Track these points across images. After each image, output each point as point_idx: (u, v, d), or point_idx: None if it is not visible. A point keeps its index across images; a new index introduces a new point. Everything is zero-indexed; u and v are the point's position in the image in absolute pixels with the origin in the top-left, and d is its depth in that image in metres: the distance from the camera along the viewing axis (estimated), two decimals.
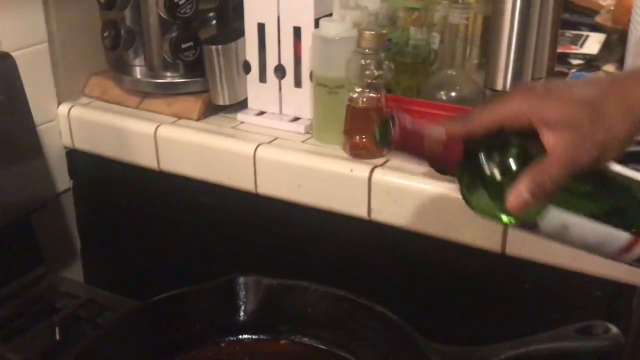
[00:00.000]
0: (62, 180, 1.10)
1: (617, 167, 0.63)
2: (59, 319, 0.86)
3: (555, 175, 0.57)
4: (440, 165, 0.62)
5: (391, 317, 0.75)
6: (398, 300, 0.80)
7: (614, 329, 0.69)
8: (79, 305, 0.89)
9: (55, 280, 0.96)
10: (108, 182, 1.10)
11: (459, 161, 0.60)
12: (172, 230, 1.06)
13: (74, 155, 1.10)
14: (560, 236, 0.62)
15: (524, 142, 0.60)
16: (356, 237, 0.93)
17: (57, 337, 0.86)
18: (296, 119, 1.00)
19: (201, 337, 0.79)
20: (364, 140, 0.89)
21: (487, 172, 0.60)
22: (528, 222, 0.61)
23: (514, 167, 0.59)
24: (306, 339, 0.81)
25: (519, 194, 0.57)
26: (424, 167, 0.86)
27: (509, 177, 0.59)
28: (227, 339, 0.80)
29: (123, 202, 1.10)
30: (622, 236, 0.63)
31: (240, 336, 0.81)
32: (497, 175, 0.60)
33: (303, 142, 0.96)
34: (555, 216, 0.60)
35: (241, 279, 0.81)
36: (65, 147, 1.10)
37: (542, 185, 0.57)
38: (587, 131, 0.57)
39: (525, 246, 0.80)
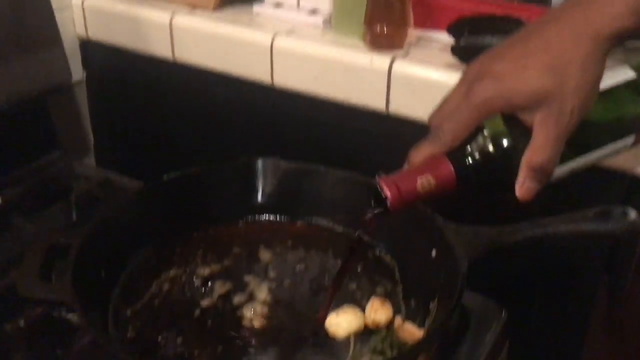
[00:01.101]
0: (76, 71, 1.08)
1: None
2: (75, 199, 0.87)
3: (550, 155, 0.56)
4: (443, 194, 0.60)
5: None
6: None
7: (632, 214, 0.69)
8: (95, 186, 0.89)
9: (70, 164, 0.96)
10: (122, 73, 1.09)
11: (456, 179, 0.59)
12: (186, 122, 1.06)
13: (87, 46, 1.08)
14: (571, 175, 0.62)
15: (505, 129, 0.58)
16: (373, 130, 0.92)
17: (74, 218, 0.87)
18: (314, 11, 0.98)
19: (218, 216, 0.80)
20: (385, 30, 0.88)
21: (485, 175, 0.59)
22: None
23: (509, 158, 0.58)
24: (323, 222, 0.82)
25: (524, 186, 0.57)
26: (446, 59, 0.85)
27: (509, 169, 0.58)
28: (244, 219, 0.81)
29: (137, 93, 1.09)
30: (627, 141, 0.63)
31: (257, 217, 0.81)
32: (497, 173, 0.59)
33: (321, 33, 0.94)
34: (561, 169, 0.60)
35: (259, 161, 0.81)
36: (79, 38, 1.08)
37: (541, 170, 0.57)
38: (560, 99, 0.55)
39: None
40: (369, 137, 0.93)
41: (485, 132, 0.58)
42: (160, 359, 0.63)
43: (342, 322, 0.66)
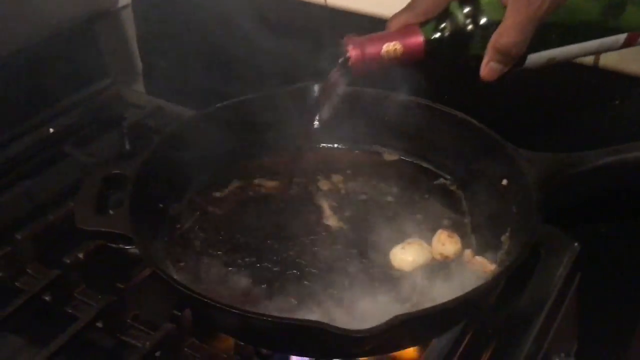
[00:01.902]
0: None
1: None
2: (128, 128, 0.84)
3: (515, 39, 0.55)
4: (409, 63, 0.61)
5: (474, 123, 0.71)
6: (482, 111, 0.75)
7: None
8: (147, 114, 0.87)
9: (121, 92, 0.93)
10: None
11: (424, 51, 0.59)
12: (237, 46, 1.01)
13: None
14: (550, 64, 0.60)
15: (481, 7, 0.57)
16: None
17: (127, 147, 0.85)
18: None
19: (275, 143, 0.77)
20: None
21: (454, 51, 0.59)
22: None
23: (480, 37, 0.57)
24: (383, 149, 0.78)
25: (487, 66, 0.57)
26: None
27: (478, 49, 0.58)
28: (301, 146, 0.77)
29: (184, 17, 1.04)
30: (618, 39, 0.60)
31: (314, 144, 0.78)
32: (466, 51, 0.59)
33: None
34: (536, 58, 0.59)
35: (316, 86, 0.77)
36: None
37: (505, 52, 0.56)
38: None
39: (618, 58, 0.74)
40: None
41: (463, 9, 0.58)
42: (223, 290, 0.62)
43: (408, 256, 0.63)
